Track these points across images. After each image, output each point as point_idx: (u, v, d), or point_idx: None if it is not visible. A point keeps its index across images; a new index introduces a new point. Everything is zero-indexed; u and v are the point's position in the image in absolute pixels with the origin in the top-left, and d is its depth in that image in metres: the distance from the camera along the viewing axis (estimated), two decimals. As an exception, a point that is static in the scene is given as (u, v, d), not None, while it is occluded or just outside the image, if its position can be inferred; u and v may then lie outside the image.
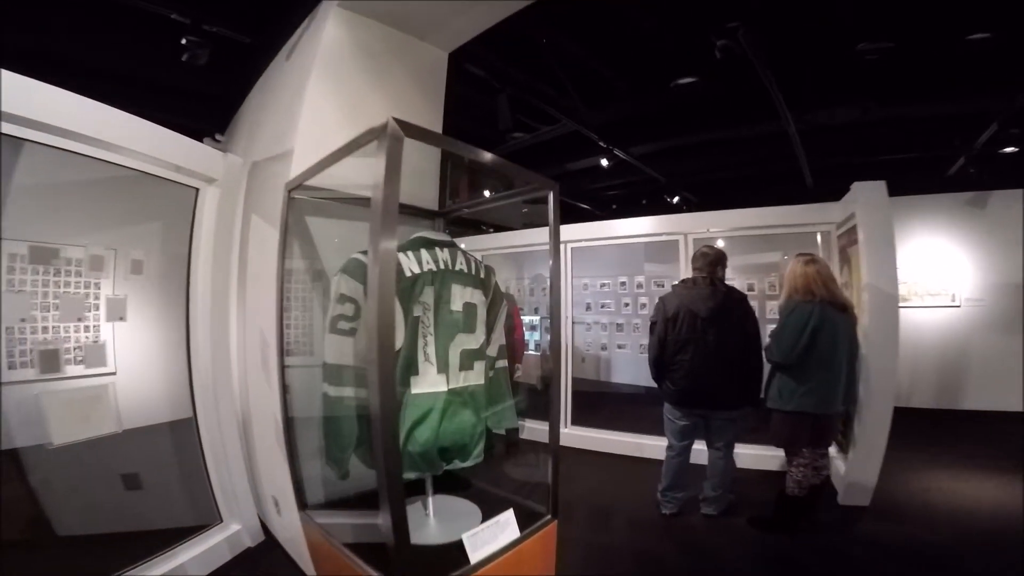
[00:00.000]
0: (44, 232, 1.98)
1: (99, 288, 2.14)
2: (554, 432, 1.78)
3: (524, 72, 4.07)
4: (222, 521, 2.52)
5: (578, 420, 4.53)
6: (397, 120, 1.12)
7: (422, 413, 1.62)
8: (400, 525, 1.13)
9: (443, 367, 1.68)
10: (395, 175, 1.09)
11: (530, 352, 5.02)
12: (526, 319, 5.06)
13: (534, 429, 4.28)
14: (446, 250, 1.82)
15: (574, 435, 4.41)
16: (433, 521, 1.81)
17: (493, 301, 1.97)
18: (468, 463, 1.76)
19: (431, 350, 1.66)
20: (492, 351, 1.97)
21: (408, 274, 1.66)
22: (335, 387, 1.64)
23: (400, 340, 1.60)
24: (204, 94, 4.16)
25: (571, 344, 4.70)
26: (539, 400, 4.24)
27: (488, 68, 3.75)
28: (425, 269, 1.71)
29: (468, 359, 1.76)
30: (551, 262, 1.77)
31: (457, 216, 2.46)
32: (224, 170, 2.48)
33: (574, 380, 4.63)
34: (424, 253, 1.74)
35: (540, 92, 4.36)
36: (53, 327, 2.00)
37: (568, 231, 4.54)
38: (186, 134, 2.35)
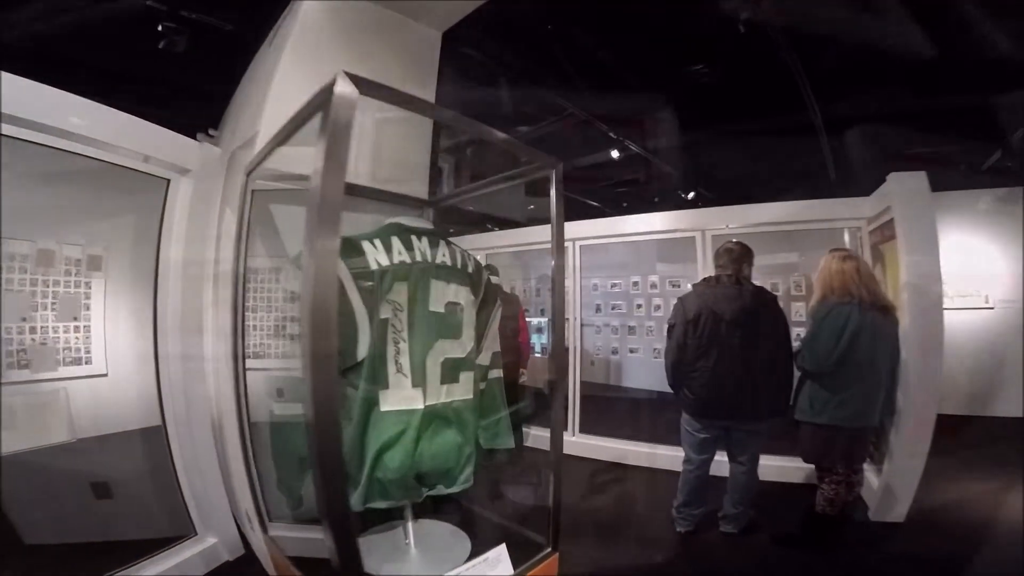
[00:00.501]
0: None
1: (56, 286, 1.98)
2: (556, 448, 1.55)
3: (527, 60, 3.87)
4: (196, 534, 2.35)
5: (586, 427, 4.28)
6: (350, 75, 0.88)
7: (393, 434, 1.37)
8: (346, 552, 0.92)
9: (419, 380, 1.42)
10: (341, 147, 0.84)
11: (535, 355, 4.78)
12: (532, 321, 4.83)
13: (537, 436, 4.05)
14: (425, 239, 1.55)
15: (581, 443, 4.17)
16: (415, 552, 1.59)
17: (485, 301, 1.72)
18: (454, 489, 1.52)
19: (404, 359, 1.41)
20: (483, 360, 1.72)
21: (375, 267, 1.40)
22: (282, 403, 1.40)
23: (364, 347, 1.35)
24: (200, 90, 4.04)
25: (580, 347, 4.45)
26: (544, 406, 4.03)
27: (488, 53, 3.56)
28: (396, 261, 1.44)
29: (452, 370, 1.50)
30: (554, 254, 1.55)
31: (453, 206, 2.24)
32: (200, 160, 2.30)
33: (583, 384, 4.39)
34: (396, 242, 1.48)
35: (545, 81, 4.15)
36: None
37: (577, 228, 4.31)
38: (182, 131, 2.22)
